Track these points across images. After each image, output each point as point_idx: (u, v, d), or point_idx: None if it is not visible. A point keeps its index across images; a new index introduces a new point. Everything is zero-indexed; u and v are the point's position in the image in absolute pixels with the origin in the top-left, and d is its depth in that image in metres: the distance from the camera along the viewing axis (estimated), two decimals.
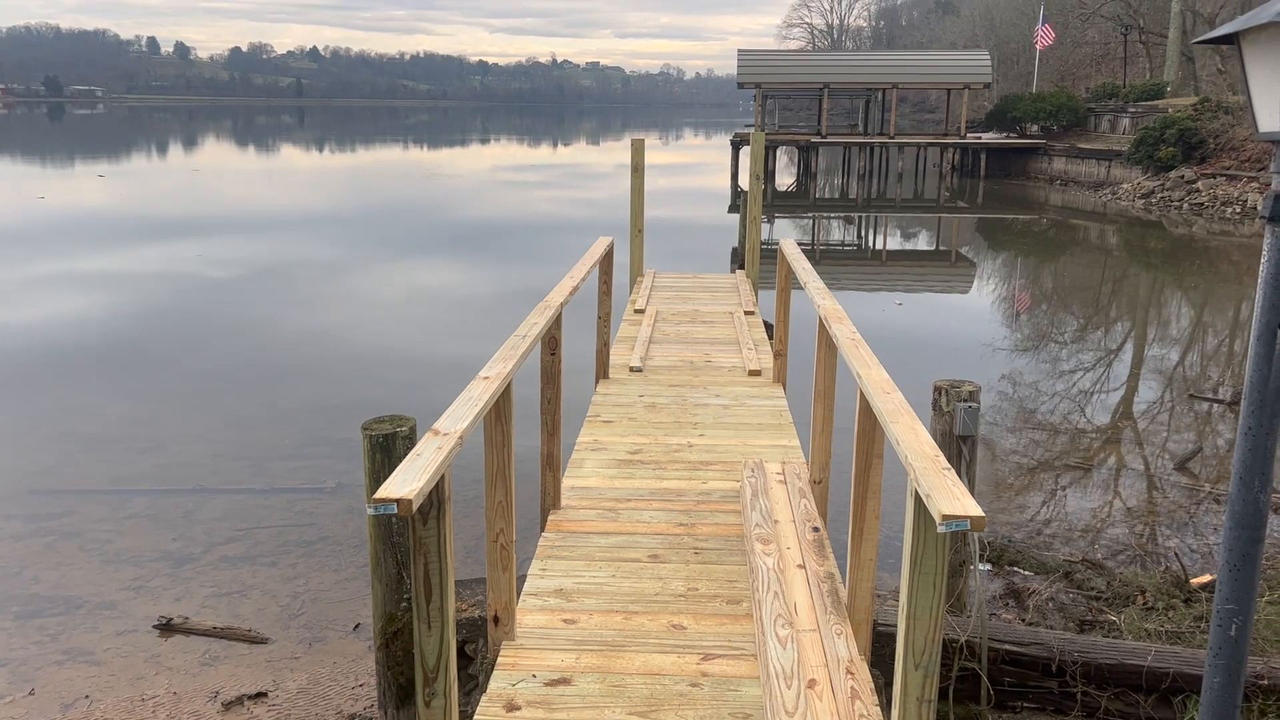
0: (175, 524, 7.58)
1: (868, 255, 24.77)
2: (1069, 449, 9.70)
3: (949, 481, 2.69)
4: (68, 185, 37.17)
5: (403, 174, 47.01)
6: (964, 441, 4.63)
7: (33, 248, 20.91)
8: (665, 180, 41.77)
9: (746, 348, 9.34)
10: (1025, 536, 7.47)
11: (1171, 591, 6.02)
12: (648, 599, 4.54)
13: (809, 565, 4.56)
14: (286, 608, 6.37)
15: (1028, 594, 6.22)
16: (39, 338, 13.24)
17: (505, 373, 3.84)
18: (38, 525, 7.51)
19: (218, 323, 14.52)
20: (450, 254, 21.80)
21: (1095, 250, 25.20)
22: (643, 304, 11.24)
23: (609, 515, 5.51)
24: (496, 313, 15.19)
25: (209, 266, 19.00)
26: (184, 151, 64.02)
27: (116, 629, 6.08)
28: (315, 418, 10.19)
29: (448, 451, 2.97)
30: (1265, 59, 2.33)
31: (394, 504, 2.63)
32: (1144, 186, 32.80)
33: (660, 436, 6.92)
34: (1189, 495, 8.41)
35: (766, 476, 5.71)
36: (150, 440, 9.43)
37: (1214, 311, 17.43)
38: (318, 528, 7.55)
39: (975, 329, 15.02)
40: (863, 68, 48.03)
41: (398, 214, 29.65)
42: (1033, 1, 57.76)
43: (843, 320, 4.74)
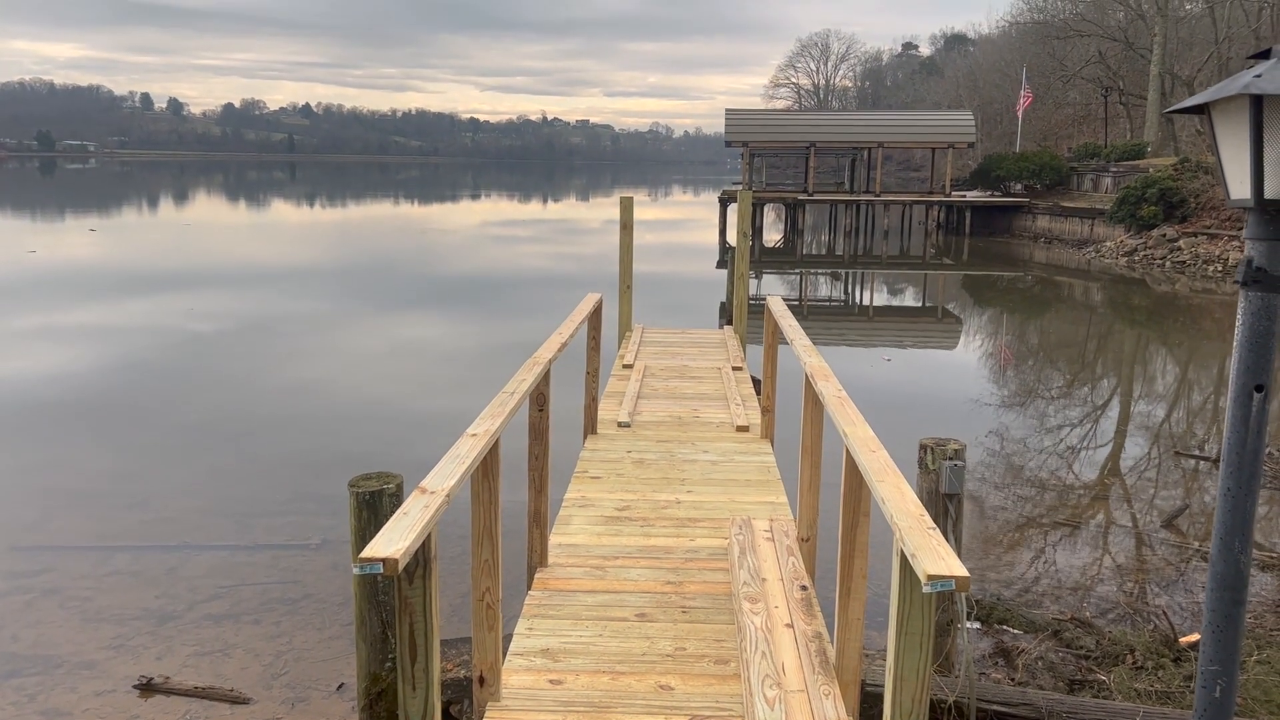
0: (158, 581, 7.49)
1: (855, 311, 24.94)
2: (1057, 505, 9.71)
3: (934, 541, 2.71)
4: (59, 239, 37.22)
5: (394, 229, 47.30)
6: (950, 499, 4.64)
7: (22, 301, 20.89)
8: (654, 236, 42.13)
9: (734, 403, 9.37)
10: (1014, 594, 7.45)
11: (1160, 650, 6.00)
12: (635, 659, 4.50)
13: (797, 624, 4.54)
14: (269, 667, 6.29)
15: (1017, 653, 6.19)
16: (25, 391, 13.17)
17: (493, 430, 3.85)
18: (17, 582, 7.42)
19: (204, 377, 14.48)
20: (438, 308, 21.88)
21: (1080, 307, 25.44)
22: (631, 359, 11.28)
23: (596, 573, 5.49)
24: (483, 367, 15.22)
25: (198, 320, 19.00)
26: (176, 206, 64.30)
27: (96, 689, 5.97)
28: (301, 472, 10.14)
29: (434, 510, 2.97)
30: (1234, 129, 2.40)
31: (380, 563, 2.63)
32: (1127, 244, 33.22)
33: (648, 493, 6.90)
34: (1177, 552, 8.41)
35: (754, 534, 5.71)
36: (134, 495, 9.35)
37: (1198, 368, 17.57)
38: (302, 585, 7.47)
39: (962, 385, 15.09)
40: (849, 127, 48.79)
41: (387, 268, 29.79)
42: (1015, 64, 59.00)
43: (828, 378, 4.77)
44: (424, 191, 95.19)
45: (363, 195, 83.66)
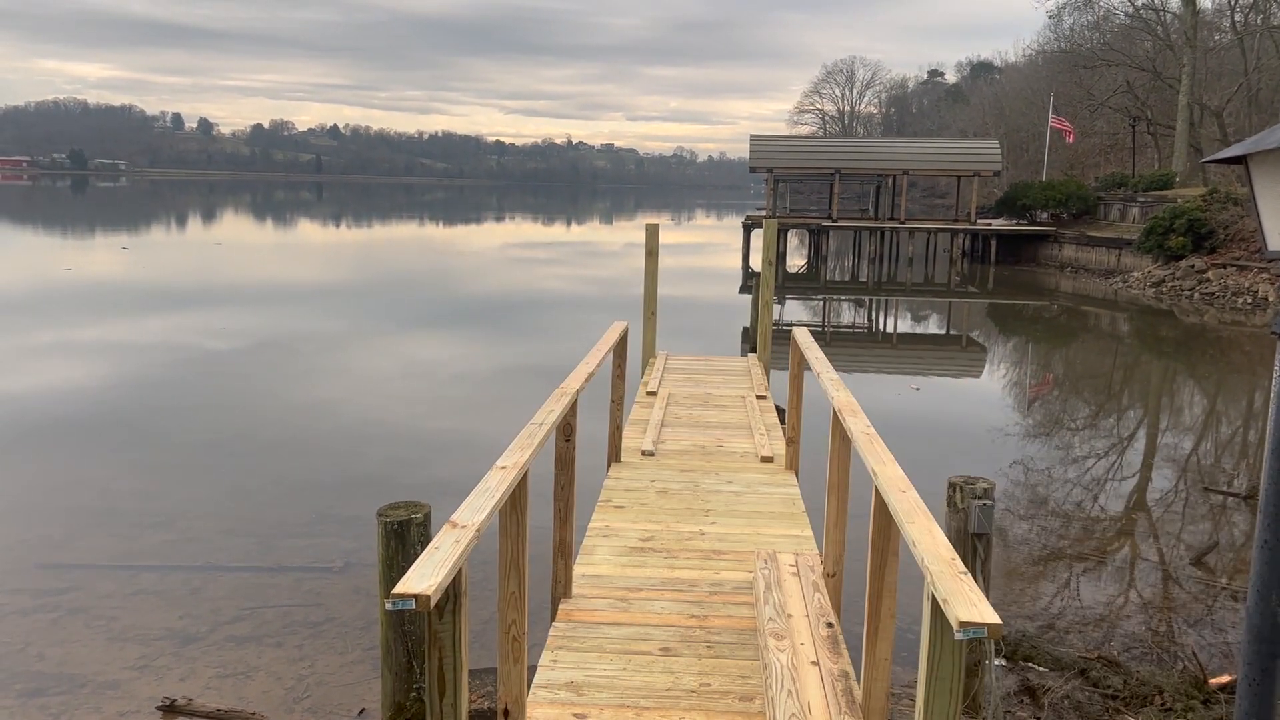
0: (182, 601, 7.53)
1: (879, 338, 24.86)
2: (1082, 538, 9.61)
3: (966, 587, 2.69)
4: (93, 257, 37.74)
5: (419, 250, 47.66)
6: (979, 539, 4.61)
7: (59, 319, 21.20)
8: (679, 259, 42.21)
9: (759, 433, 9.35)
10: (1039, 628, 7.36)
11: (1190, 692, 5.92)
12: (659, 694, 4.48)
13: (823, 663, 4.51)
14: (291, 690, 6.30)
15: (1043, 691, 6.11)
16: (59, 409, 13.32)
17: (522, 462, 3.87)
18: (43, 600, 7.48)
19: (229, 395, 14.61)
20: (463, 329, 22.00)
21: (1107, 337, 25.24)
22: (655, 386, 11.28)
23: (620, 605, 5.47)
24: (507, 388, 15.30)
25: (227, 339, 19.18)
26: (205, 225, 65.05)
27: (119, 709, 6.01)
28: (324, 493, 10.19)
29: (465, 545, 2.99)
30: (1273, 181, 2.39)
31: (412, 599, 2.64)
32: (1154, 275, 32.97)
33: (672, 524, 6.89)
34: (1206, 590, 8.29)
35: (780, 568, 5.68)
36: (159, 514, 9.42)
37: (1227, 400, 17.37)
38: (325, 608, 7.49)
39: (987, 414, 14.99)
40: (873, 154, 48.79)
41: (411, 289, 30.04)
42: (1042, 92, 58.88)
43: (857, 413, 4.76)
44: (449, 213, 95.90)
45: (388, 216, 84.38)
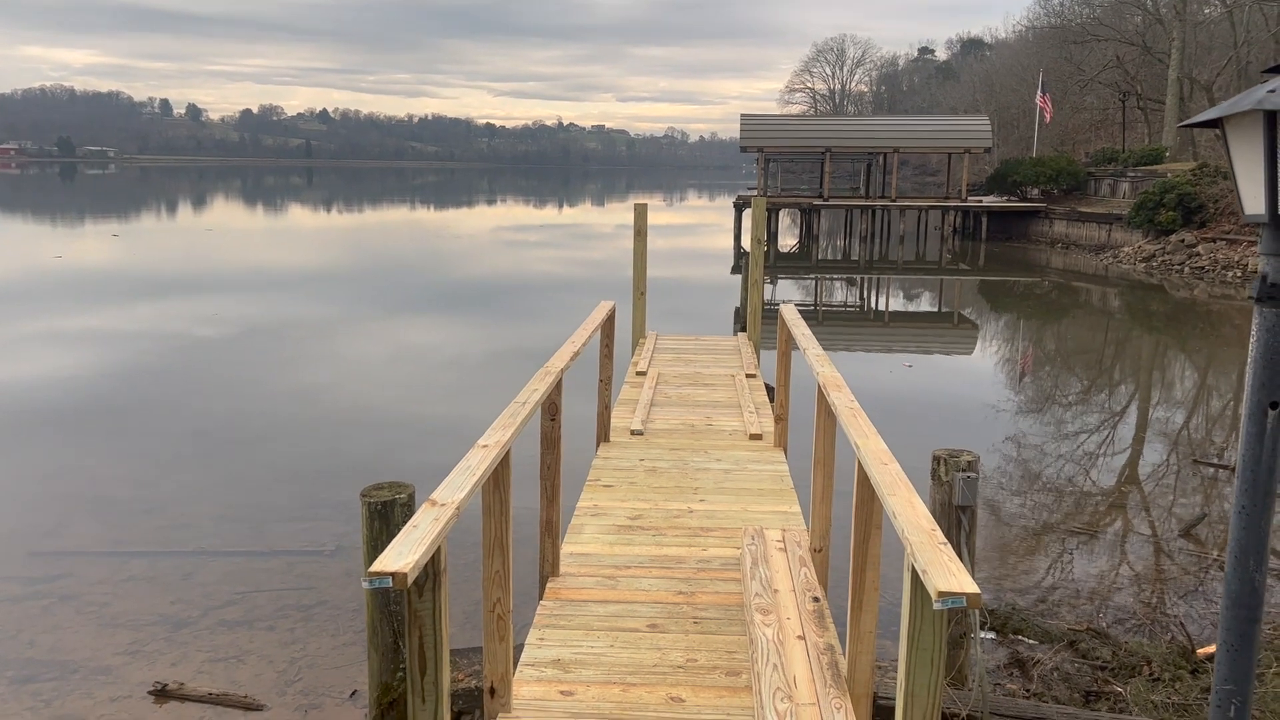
0: (173, 587, 7.53)
1: (870, 317, 24.86)
2: (1073, 512, 9.65)
3: (945, 557, 2.69)
4: (83, 245, 37.55)
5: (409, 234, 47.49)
6: (963, 512, 4.61)
7: (50, 306, 21.10)
8: (671, 241, 42.14)
9: (748, 411, 9.35)
10: (1029, 603, 7.39)
11: (1178, 662, 5.95)
12: (646, 670, 4.50)
13: (809, 636, 4.52)
14: (283, 674, 6.31)
15: (1032, 664, 6.14)
16: (49, 396, 13.27)
17: (504, 440, 3.86)
18: (35, 588, 7.47)
19: (219, 381, 14.56)
20: (452, 313, 21.95)
21: (1098, 313, 25.28)
22: (644, 366, 11.28)
23: (608, 583, 5.48)
24: (495, 371, 15.28)
25: (220, 325, 19.11)
26: (195, 211, 64.73)
27: (111, 694, 6.01)
28: (315, 478, 10.18)
29: (444, 523, 2.98)
30: (1248, 145, 2.38)
31: (389, 577, 2.63)
32: (1145, 250, 33.00)
33: (660, 501, 6.90)
34: (1195, 561, 8.34)
35: (767, 544, 5.69)
36: (150, 501, 9.41)
37: (1217, 375, 17.42)
38: (316, 591, 7.50)
39: (979, 391, 15.02)
40: (864, 132, 48.68)
41: (401, 273, 29.92)
42: (1032, 69, 58.74)
43: (841, 388, 4.76)
44: (440, 197, 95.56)
45: (379, 200, 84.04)
